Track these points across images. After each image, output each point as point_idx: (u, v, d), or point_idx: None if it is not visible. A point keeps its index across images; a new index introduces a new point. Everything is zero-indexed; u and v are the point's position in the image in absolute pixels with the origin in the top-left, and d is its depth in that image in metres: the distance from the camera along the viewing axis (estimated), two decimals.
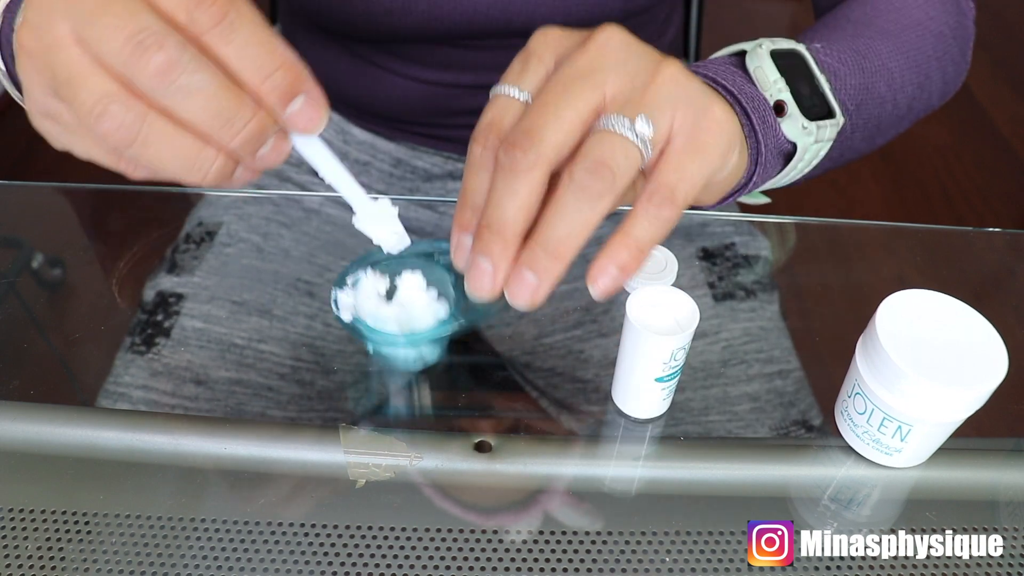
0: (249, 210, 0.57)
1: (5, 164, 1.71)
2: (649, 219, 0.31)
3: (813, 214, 0.60)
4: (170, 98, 0.26)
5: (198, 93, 0.26)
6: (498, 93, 0.33)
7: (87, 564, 0.35)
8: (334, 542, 0.37)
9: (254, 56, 0.27)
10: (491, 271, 0.31)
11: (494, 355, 0.49)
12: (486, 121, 0.33)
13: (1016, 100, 2.04)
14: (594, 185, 0.30)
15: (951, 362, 0.36)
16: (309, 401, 0.45)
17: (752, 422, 0.44)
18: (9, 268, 0.53)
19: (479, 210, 0.32)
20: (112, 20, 0.25)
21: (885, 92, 0.46)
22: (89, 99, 0.26)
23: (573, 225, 0.30)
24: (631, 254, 0.31)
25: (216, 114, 0.27)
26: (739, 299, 0.51)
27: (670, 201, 0.31)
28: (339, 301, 0.42)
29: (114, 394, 0.45)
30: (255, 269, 0.53)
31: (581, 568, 0.36)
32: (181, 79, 0.26)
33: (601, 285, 0.32)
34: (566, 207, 0.30)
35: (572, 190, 0.30)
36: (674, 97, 0.32)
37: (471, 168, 0.33)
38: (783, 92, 0.41)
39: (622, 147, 0.30)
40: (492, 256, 0.31)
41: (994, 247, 0.60)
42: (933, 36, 0.49)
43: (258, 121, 0.28)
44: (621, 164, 0.30)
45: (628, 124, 0.31)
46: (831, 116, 0.42)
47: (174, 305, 0.50)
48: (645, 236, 0.31)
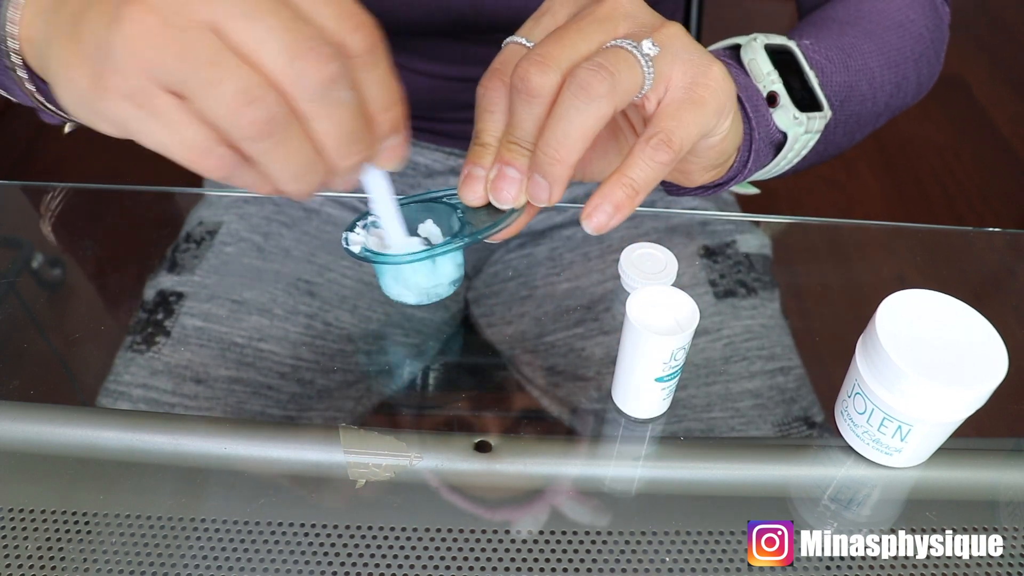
0: (250, 209, 0.57)
1: (5, 164, 1.71)
2: (645, 160, 0.33)
3: (813, 213, 0.60)
4: (319, 106, 0.26)
5: (344, 109, 0.27)
6: (510, 42, 0.35)
7: (87, 564, 0.35)
8: (334, 542, 0.37)
9: (385, 88, 0.28)
10: (518, 178, 0.34)
11: (494, 354, 0.49)
12: (495, 65, 0.35)
13: (1016, 100, 2.04)
14: (593, 85, 0.31)
15: (951, 362, 0.36)
16: (309, 400, 0.45)
17: (754, 418, 0.44)
18: (9, 268, 0.53)
19: (489, 146, 0.35)
20: (276, 22, 0.25)
21: (867, 90, 0.48)
22: (240, 84, 0.25)
23: (570, 126, 0.32)
24: (626, 193, 0.33)
25: (348, 133, 0.28)
26: (740, 297, 0.52)
27: (666, 144, 0.33)
28: (349, 239, 0.40)
29: (114, 392, 0.45)
30: (255, 268, 0.53)
31: (581, 568, 0.36)
32: (338, 93, 0.26)
33: (595, 220, 0.34)
34: (564, 106, 0.32)
35: (572, 89, 0.31)
36: (677, 49, 0.34)
37: (481, 110, 0.35)
38: (776, 84, 0.43)
39: (625, 59, 0.32)
40: (516, 165, 0.34)
41: (994, 247, 0.60)
42: (912, 38, 0.51)
43: (371, 148, 0.29)
44: (623, 72, 0.32)
45: (635, 44, 0.32)
46: (819, 109, 0.44)
47: (174, 304, 0.50)
48: (640, 177, 0.33)
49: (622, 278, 0.50)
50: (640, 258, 0.49)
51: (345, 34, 0.27)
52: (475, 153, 0.35)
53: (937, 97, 2.28)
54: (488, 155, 0.35)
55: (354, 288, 0.54)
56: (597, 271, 0.54)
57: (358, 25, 0.27)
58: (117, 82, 0.26)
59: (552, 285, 0.54)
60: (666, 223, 0.57)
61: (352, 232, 0.40)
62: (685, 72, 0.34)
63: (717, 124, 0.35)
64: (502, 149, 0.34)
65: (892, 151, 1.86)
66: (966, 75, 2.11)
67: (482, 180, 0.35)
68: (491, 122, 0.35)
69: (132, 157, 2.11)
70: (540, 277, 0.55)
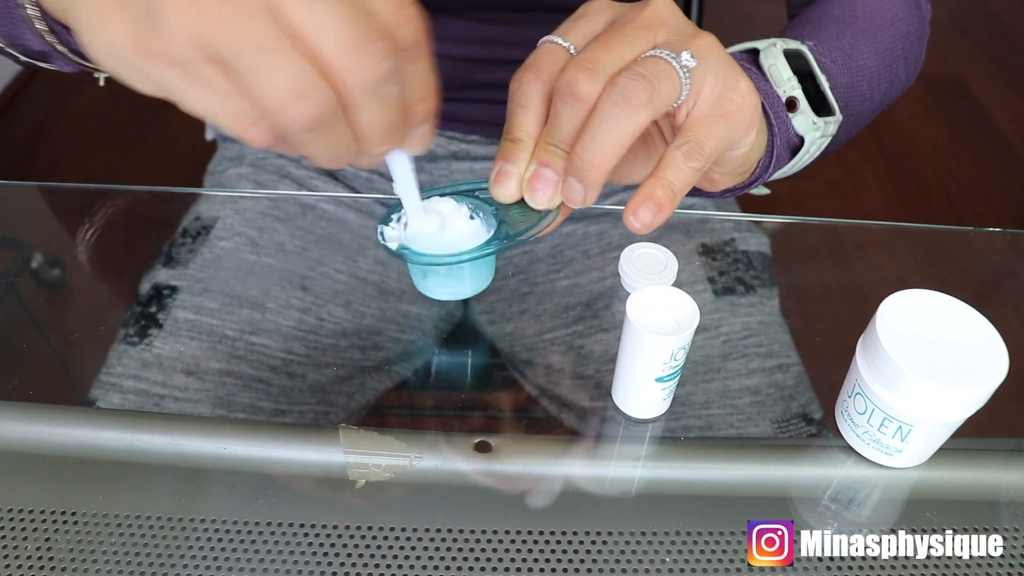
0: (245, 204, 0.57)
1: (5, 164, 1.71)
2: (678, 164, 0.34)
3: (814, 214, 0.60)
4: (368, 99, 0.27)
5: (390, 104, 0.27)
6: (546, 41, 0.36)
7: (86, 564, 0.35)
8: (334, 542, 0.37)
9: (425, 80, 0.29)
10: (555, 179, 0.35)
11: (494, 354, 0.49)
12: (531, 62, 0.35)
13: (1016, 99, 2.04)
14: (633, 94, 0.32)
15: (951, 362, 0.36)
16: (300, 394, 0.45)
17: (753, 415, 0.44)
18: (9, 268, 0.53)
19: (522, 143, 0.35)
20: (338, 12, 0.25)
21: (866, 90, 0.49)
22: (291, 77, 0.25)
23: (609, 133, 0.32)
24: (666, 194, 0.34)
25: (389, 124, 0.28)
26: (739, 294, 0.52)
27: (697, 151, 0.34)
28: (385, 234, 0.40)
29: (106, 384, 0.45)
30: (249, 263, 0.53)
31: (581, 568, 0.36)
32: (387, 88, 0.27)
33: (641, 217, 0.34)
34: (603, 113, 0.32)
35: (612, 97, 0.32)
36: (711, 63, 0.34)
37: (515, 105, 0.35)
38: (796, 89, 0.44)
39: (665, 70, 0.33)
40: (554, 166, 0.34)
41: (995, 247, 0.60)
42: (903, 36, 0.52)
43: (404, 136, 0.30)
44: (662, 82, 0.32)
45: (674, 54, 0.33)
46: (831, 112, 0.45)
47: (168, 297, 0.50)
48: (676, 179, 0.34)
49: (622, 278, 0.50)
50: (640, 258, 0.49)
51: (398, 26, 0.27)
52: (506, 149, 0.35)
53: (937, 97, 2.28)
54: (520, 151, 0.35)
55: (348, 284, 0.54)
56: (597, 268, 0.54)
57: (410, 17, 0.27)
58: (163, 47, 0.25)
59: (552, 282, 0.54)
60: (665, 222, 0.57)
61: (387, 226, 0.40)
62: (715, 85, 0.34)
63: (743, 137, 0.36)
64: (540, 150, 0.35)
65: (893, 152, 1.86)
66: (966, 75, 2.11)
67: (514, 177, 0.36)
68: (524, 117, 0.35)
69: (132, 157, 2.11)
70: (540, 274, 0.55)
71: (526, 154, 0.35)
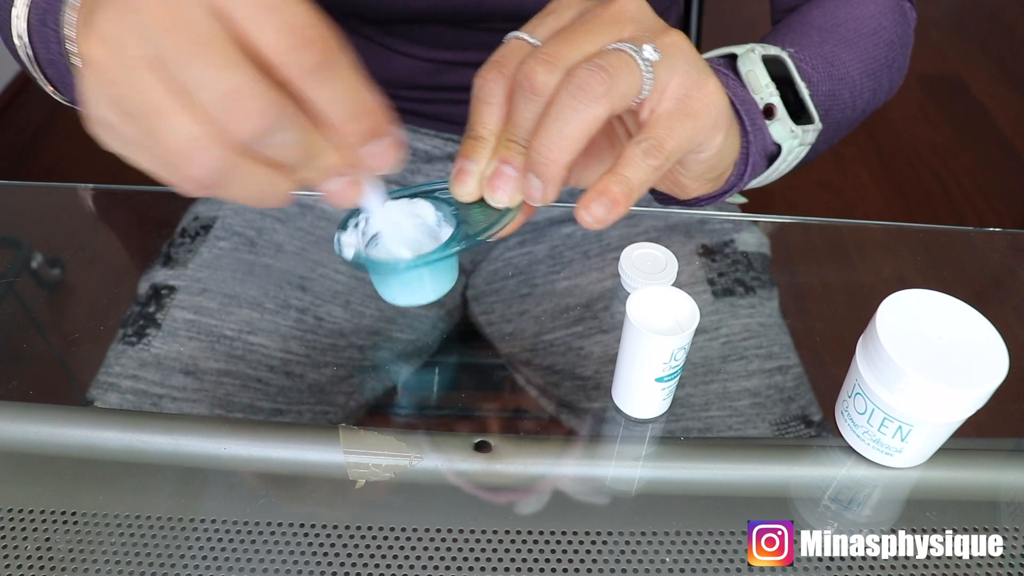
0: (244, 204, 0.57)
1: (5, 164, 1.71)
2: (636, 161, 0.33)
3: (813, 214, 0.60)
4: (262, 151, 0.26)
5: (288, 147, 0.27)
6: (512, 37, 0.35)
7: (86, 564, 0.35)
8: (334, 542, 0.37)
9: (347, 100, 0.27)
10: (515, 176, 0.34)
11: (494, 354, 0.49)
12: (495, 57, 0.34)
13: (1017, 99, 2.04)
14: (590, 86, 0.31)
15: (952, 362, 0.36)
16: (299, 394, 0.45)
17: (752, 417, 0.44)
18: (9, 268, 0.53)
19: (483, 140, 0.34)
20: (208, 69, 0.24)
21: (848, 99, 0.48)
22: (175, 140, 0.25)
23: (565, 125, 0.31)
24: (620, 189, 0.33)
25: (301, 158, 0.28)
26: (738, 295, 0.51)
27: (658, 148, 0.33)
28: (341, 241, 0.39)
29: (104, 384, 0.45)
30: (247, 263, 0.53)
31: (581, 568, 0.36)
32: (275, 137, 0.26)
33: (594, 211, 0.33)
34: (559, 106, 0.31)
35: (568, 89, 0.31)
36: (677, 59, 0.33)
37: (477, 101, 0.34)
38: (773, 96, 0.43)
39: (626, 63, 0.32)
40: (514, 163, 0.34)
41: (995, 247, 0.60)
42: (886, 45, 0.51)
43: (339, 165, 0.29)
44: (621, 74, 0.31)
45: (636, 48, 0.32)
46: (810, 120, 0.44)
47: (166, 297, 0.50)
48: (633, 176, 0.33)
49: (622, 278, 0.50)
50: (640, 258, 0.49)
51: (292, 54, 0.25)
52: (467, 147, 0.35)
53: (937, 97, 2.28)
54: (480, 149, 0.34)
55: (347, 284, 0.54)
56: (596, 269, 0.54)
57: (306, 41, 0.25)
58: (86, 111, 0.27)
59: (552, 283, 0.54)
60: (665, 221, 0.57)
61: (344, 232, 0.39)
62: (681, 83, 0.34)
63: (708, 139, 0.35)
64: (500, 147, 0.34)
65: (889, 152, 1.86)
66: (966, 75, 2.11)
67: (474, 175, 0.35)
68: (486, 114, 0.34)
69: None
70: (540, 275, 0.55)
71: (487, 151, 0.34)
